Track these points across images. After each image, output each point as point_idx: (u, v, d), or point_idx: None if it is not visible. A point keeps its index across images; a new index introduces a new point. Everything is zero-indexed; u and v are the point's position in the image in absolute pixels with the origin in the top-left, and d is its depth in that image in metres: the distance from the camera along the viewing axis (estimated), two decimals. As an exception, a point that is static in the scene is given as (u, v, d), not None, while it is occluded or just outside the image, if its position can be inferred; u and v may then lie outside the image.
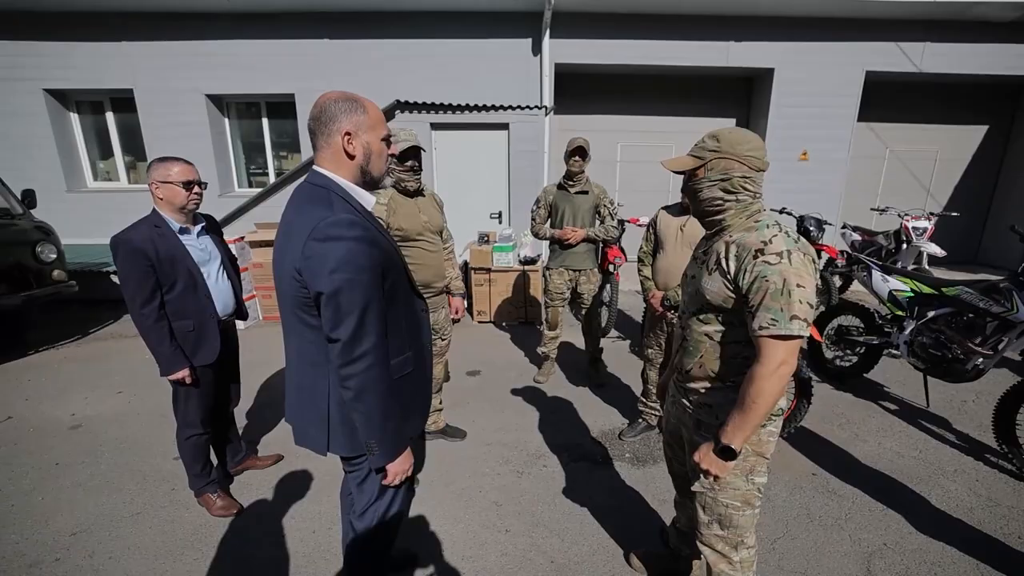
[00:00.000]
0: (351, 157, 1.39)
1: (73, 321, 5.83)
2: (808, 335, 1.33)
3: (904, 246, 6.18)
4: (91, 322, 5.84)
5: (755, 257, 1.36)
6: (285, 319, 1.46)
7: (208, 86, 7.26)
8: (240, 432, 3.16)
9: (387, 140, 1.46)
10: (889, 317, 3.78)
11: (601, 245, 4.59)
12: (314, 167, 1.42)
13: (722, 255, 1.45)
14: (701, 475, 1.55)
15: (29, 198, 5.08)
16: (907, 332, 3.51)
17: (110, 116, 7.79)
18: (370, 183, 1.46)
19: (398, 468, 1.46)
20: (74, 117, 7.74)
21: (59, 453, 3.17)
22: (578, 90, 7.88)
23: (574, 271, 3.87)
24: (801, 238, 1.40)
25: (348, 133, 1.37)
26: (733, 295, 1.43)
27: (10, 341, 5.10)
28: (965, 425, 3.48)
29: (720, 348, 1.52)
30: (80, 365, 4.63)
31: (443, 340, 3.06)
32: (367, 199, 1.45)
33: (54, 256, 5.02)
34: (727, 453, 1.43)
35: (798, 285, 1.31)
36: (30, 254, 4.81)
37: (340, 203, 1.35)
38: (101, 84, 7.28)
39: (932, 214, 6.21)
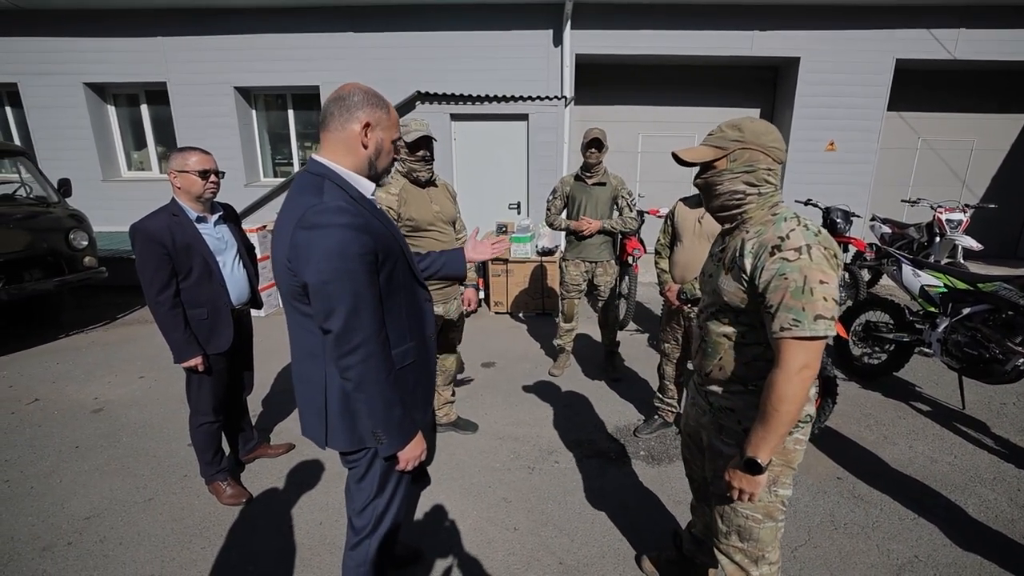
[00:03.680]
0: (364, 147, 1.38)
1: (102, 306, 5.99)
2: (834, 334, 1.24)
3: (937, 239, 5.95)
4: (119, 307, 5.98)
5: (772, 254, 1.28)
6: (285, 309, 1.45)
7: (237, 79, 7.42)
8: (253, 420, 3.18)
9: (395, 143, 1.47)
10: (921, 313, 3.61)
11: (620, 236, 4.50)
12: (312, 156, 1.40)
13: (738, 252, 1.37)
14: (730, 493, 1.44)
15: (64, 187, 5.25)
16: (940, 330, 3.35)
17: (144, 108, 8.02)
18: (373, 177, 1.45)
19: (409, 455, 1.44)
20: (111, 109, 7.99)
21: (80, 436, 3.24)
22: (599, 80, 7.74)
23: (590, 263, 3.80)
24: (823, 230, 1.32)
25: (368, 124, 1.36)
26: (747, 295, 1.35)
27: (44, 325, 5.28)
28: (1005, 429, 3.29)
29: (740, 350, 1.44)
30: (106, 349, 4.73)
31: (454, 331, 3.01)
32: (366, 186, 1.41)
33: (86, 243, 5.15)
34: (752, 467, 1.34)
35: (821, 282, 1.22)
36: (63, 241, 4.95)
37: (333, 190, 1.31)
38: (137, 77, 7.51)
39: (967, 206, 5.94)
